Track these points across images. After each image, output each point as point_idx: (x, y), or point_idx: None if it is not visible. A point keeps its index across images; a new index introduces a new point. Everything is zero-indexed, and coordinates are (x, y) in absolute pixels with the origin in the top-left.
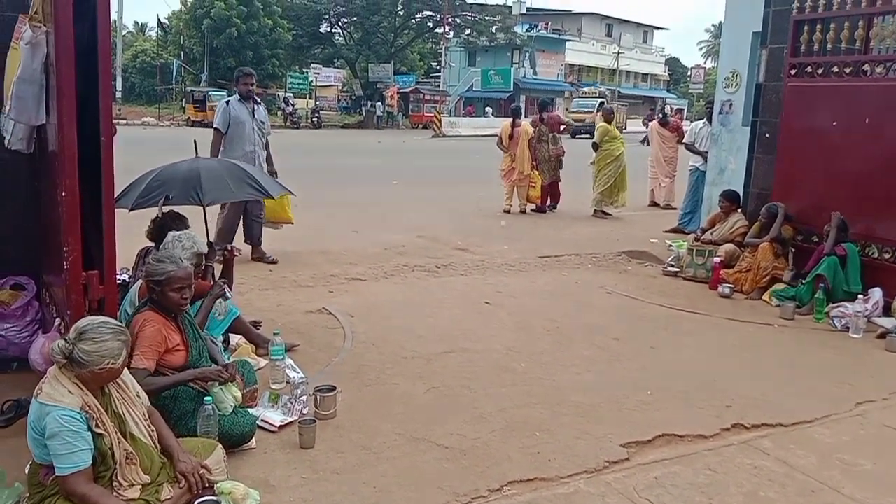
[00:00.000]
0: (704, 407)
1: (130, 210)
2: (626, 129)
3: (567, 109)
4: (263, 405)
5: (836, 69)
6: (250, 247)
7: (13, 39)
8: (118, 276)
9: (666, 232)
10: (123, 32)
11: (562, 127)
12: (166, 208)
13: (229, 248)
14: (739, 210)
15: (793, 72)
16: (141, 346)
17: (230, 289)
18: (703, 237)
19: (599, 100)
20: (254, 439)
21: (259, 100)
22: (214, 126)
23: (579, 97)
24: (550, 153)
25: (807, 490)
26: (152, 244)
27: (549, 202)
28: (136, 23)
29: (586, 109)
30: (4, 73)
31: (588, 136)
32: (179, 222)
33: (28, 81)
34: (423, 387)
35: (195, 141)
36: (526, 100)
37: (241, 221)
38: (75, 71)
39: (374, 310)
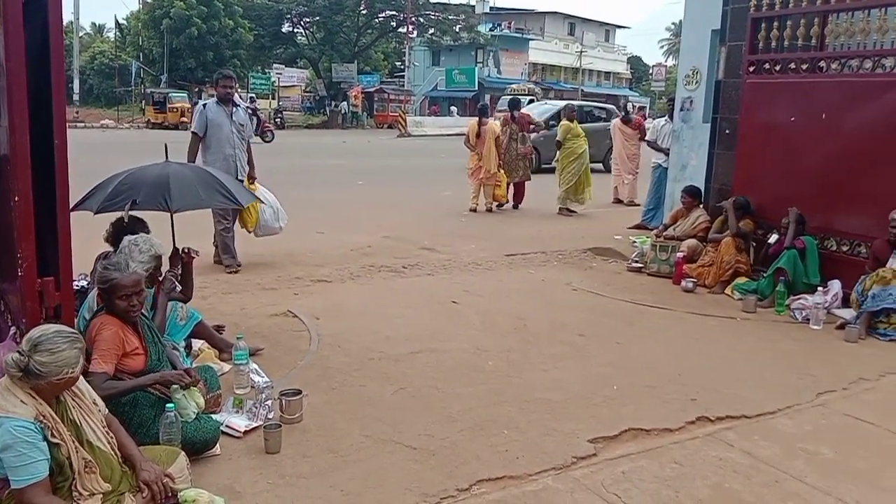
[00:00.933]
0: (670, 401)
1: (95, 213)
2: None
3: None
4: (228, 410)
5: (793, 66)
6: (214, 248)
7: None
8: (76, 282)
9: (630, 228)
10: (80, 33)
11: (531, 126)
12: (131, 212)
13: (186, 251)
14: (701, 205)
15: (751, 69)
16: (99, 349)
17: (190, 293)
18: (665, 233)
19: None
20: (218, 445)
21: (238, 102)
22: (191, 130)
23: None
24: (519, 152)
25: (771, 480)
26: (111, 248)
27: (511, 201)
28: (94, 24)
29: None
30: None
31: None
32: (138, 225)
33: None
34: (390, 388)
35: (166, 145)
36: (490, 99)
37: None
38: (27, 72)
39: (341, 311)
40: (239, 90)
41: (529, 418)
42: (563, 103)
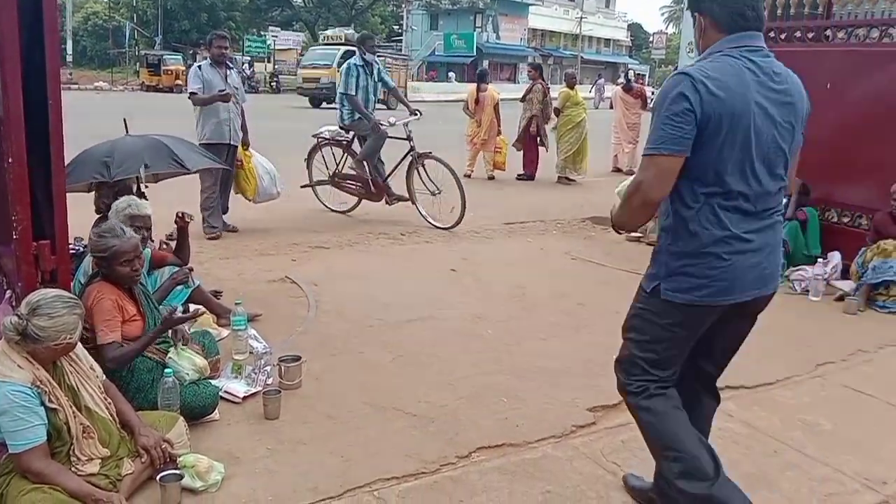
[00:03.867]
0: None
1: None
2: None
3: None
4: (226, 376)
5: (798, 34)
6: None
7: None
8: (72, 247)
9: None
10: None
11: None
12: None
13: (181, 215)
14: None
15: None
16: (102, 319)
17: (187, 258)
18: None
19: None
20: (217, 411)
21: (231, 64)
22: (189, 92)
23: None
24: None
25: (770, 450)
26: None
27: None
28: None
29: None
30: None
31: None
32: (120, 187)
33: None
34: (389, 355)
35: (125, 119)
36: (489, 64)
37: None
38: (20, 31)
39: (339, 278)
40: (233, 52)
41: (528, 386)
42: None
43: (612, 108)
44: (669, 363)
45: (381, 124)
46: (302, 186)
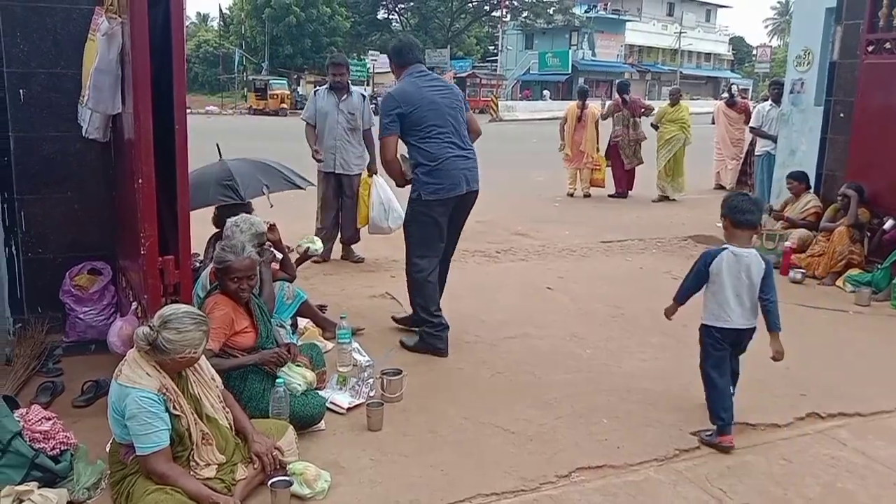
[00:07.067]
0: (778, 395)
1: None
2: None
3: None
4: (332, 387)
5: (888, 46)
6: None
7: (90, 31)
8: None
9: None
10: (186, 23)
11: (642, 110)
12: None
13: (267, 223)
14: (810, 190)
15: (870, 48)
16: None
17: (292, 272)
18: (776, 213)
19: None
20: (323, 421)
21: (353, 89)
22: (301, 117)
23: None
24: (630, 138)
25: (888, 482)
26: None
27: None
28: (199, 13)
29: None
30: (83, 64)
31: None
32: (240, 207)
33: (105, 72)
34: (487, 371)
35: (218, 145)
36: (585, 81)
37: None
38: (150, 60)
39: None
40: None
41: (629, 408)
42: None
43: (713, 123)
44: (436, 248)
45: None
46: None
